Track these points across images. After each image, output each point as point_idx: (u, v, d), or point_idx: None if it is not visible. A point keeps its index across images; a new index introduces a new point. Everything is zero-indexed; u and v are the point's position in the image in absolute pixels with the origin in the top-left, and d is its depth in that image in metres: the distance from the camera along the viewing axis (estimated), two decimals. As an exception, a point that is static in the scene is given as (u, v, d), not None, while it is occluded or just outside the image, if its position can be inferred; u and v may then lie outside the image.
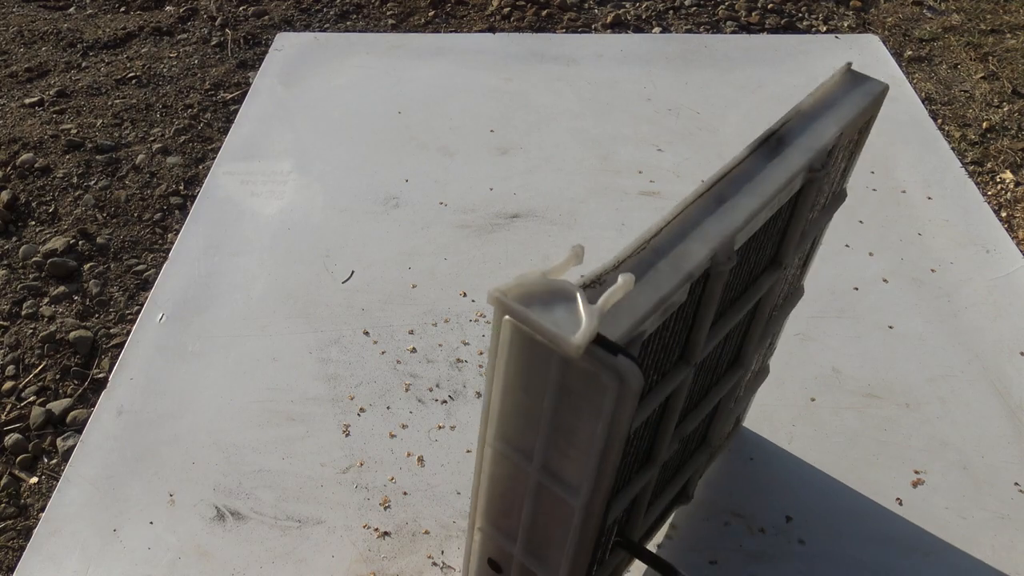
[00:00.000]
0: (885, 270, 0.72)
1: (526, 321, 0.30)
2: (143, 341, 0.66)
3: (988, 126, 2.04)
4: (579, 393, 0.31)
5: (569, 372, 0.30)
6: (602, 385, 0.30)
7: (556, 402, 0.32)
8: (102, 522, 0.54)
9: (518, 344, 0.31)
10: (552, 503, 0.34)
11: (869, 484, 0.57)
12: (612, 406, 0.30)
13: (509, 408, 0.33)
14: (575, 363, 0.30)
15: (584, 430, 0.32)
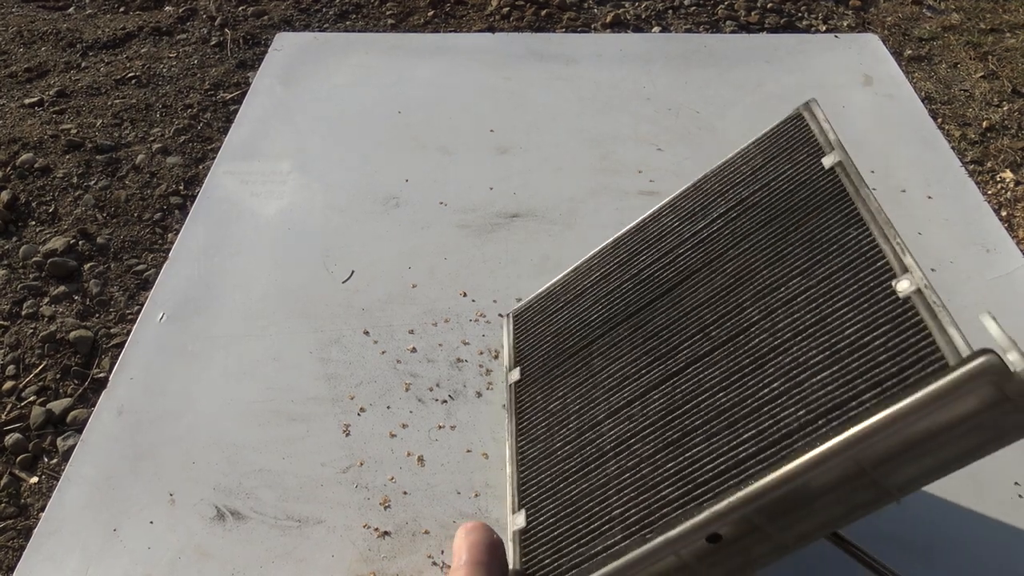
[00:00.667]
0: (885, 269, 0.72)
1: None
2: (143, 341, 0.66)
3: (988, 125, 2.04)
4: (990, 425, 0.34)
5: (1006, 415, 0.34)
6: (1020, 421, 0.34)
7: (962, 431, 0.34)
8: (102, 522, 0.54)
9: (977, 395, 0.33)
10: (860, 491, 0.37)
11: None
12: (1016, 436, 0.34)
13: (897, 436, 0.35)
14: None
15: (961, 448, 0.35)
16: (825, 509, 0.37)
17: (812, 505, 0.37)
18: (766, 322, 0.43)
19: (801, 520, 0.38)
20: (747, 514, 0.38)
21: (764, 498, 0.37)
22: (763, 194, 0.51)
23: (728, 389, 0.42)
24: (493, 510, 0.55)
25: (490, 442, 0.59)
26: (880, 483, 0.36)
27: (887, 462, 0.36)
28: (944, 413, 0.34)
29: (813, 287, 0.43)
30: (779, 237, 0.47)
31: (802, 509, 0.37)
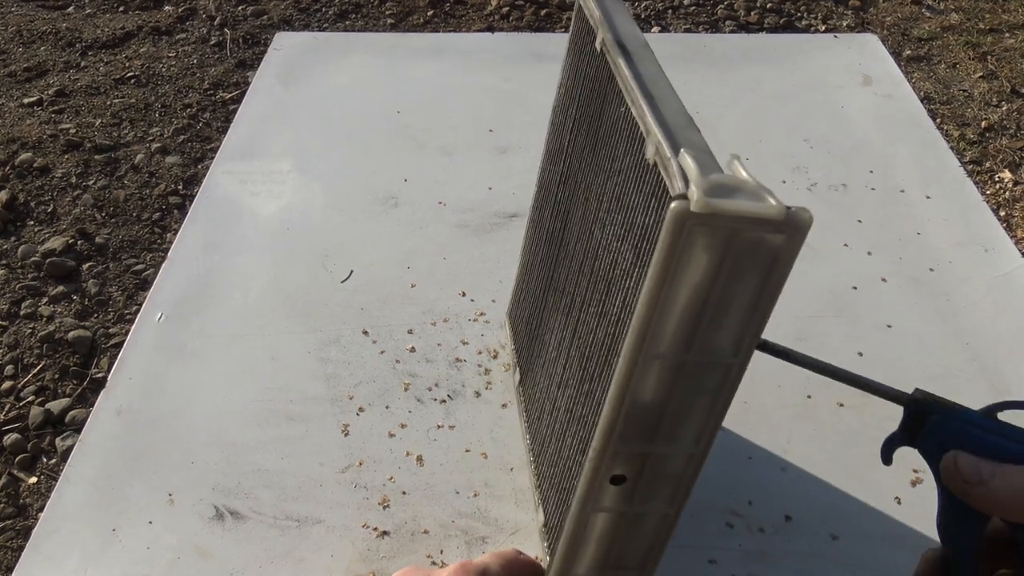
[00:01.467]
0: (884, 269, 0.72)
1: (733, 211, 0.30)
2: (142, 341, 0.66)
3: (987, 125, 2.04)
4: (747, 261, 0.32)
5: (751, 245, 0.31)
6: (778, 242, 0.31)
7: (726, 279, 0.32)
8: (101, 522, 0.54)
9: (703, 247, 0.31)
10: (702, 376, 0.35)
11: (868, 483, 0.57)
12: (788, 257, 0.32)
13: (669, 313, 0.33)
14: (777, 227, 0.31)
15: (744, 292, 0.32)
16: (688, 409, 0.36)
17: (669, 411, 0.36)
18: (603, 238, 0.42)
19: (677, 428, 0.37)
20: (617, 447, 0.37)
21: (615, 428, 0.36)
22: (578, 107, 0.50)
23: (600, 323, 0.41)
24: (492, 510, 0.55)
25: (489, 442, 0.59)
26: (708, 360, 0.35)
27: (692, 341, 0.34)
28: (689, 274, 0.32)
29: (615, 182, 0.41)
30: (592, 142, 0.46)
31: (665, 419, 0.36)
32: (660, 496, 0.39)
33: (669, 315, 0.33)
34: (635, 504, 0.39)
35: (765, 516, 0.55)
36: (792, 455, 0.58)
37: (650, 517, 0.40)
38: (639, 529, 0.41)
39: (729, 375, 0.35)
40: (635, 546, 0.42)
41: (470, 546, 0.53)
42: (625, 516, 0.40)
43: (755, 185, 0.32)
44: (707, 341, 0.34)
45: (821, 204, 0.79)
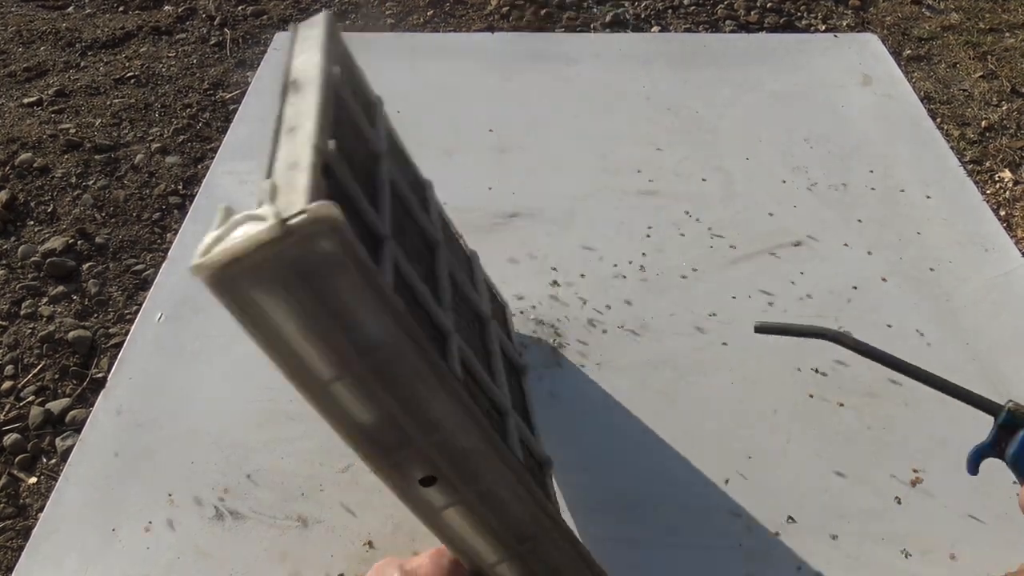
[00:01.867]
0: (884, 269, 0.72)
1: (231, 254, 0.29)
2: (142, 341, 0.66)
3: (987, 125, 2.04)
4: (309, 279, 0.31)
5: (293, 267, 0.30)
6: (318, 250, 0.30)
7: (314, 297, 0.31)
8: (101, 522, 0.54)
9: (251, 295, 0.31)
10: (391, 371, 0.34)
11: (868, 483, 0.57)
12: (341, 250, 0.30)
13: (300, 363, 0.33)
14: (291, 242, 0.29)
15: (346, 290, 0.31)
16: (413, 398, 0.35)
17: (399, 411, 0.35)
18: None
19: (423, 418, 0.36)
20: (381, 463, 0.37)
21: (363, 450, 0.36)
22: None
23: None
24: (492, 510, 0.55)
25: (489, 442, 0.59)
26: (381, 356, 0.34)
27: (342, 353, 0.34)
28: (268, 320, 0.33)
29: None
30: None
31: (402, 418, 0.36)
32: (481, 470, 0.38)
33: (296, 350, 0.33)
34: (464, 489, 0.38)
35: (765, 516, 0.55)
36: (792, 455, 0.58)
37: (496, 487, 0.39)
38: (499, 501, 0.40)
39: (410, 353, 0.34)
40: (517, 512, 0.41)
41: (470, 546, 0.53)
42: (467, 502, 0.39)
43: (244, 215, 0.30)
44: (358, 345, 0.33)
45: (821, 204, 0.79)
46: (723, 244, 0.74)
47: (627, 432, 0.60)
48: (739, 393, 0.62)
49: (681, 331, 0.67)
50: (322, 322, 0.32)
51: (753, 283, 0.71)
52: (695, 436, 0.59)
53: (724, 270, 0.72)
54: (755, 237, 0.75)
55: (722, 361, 0.64)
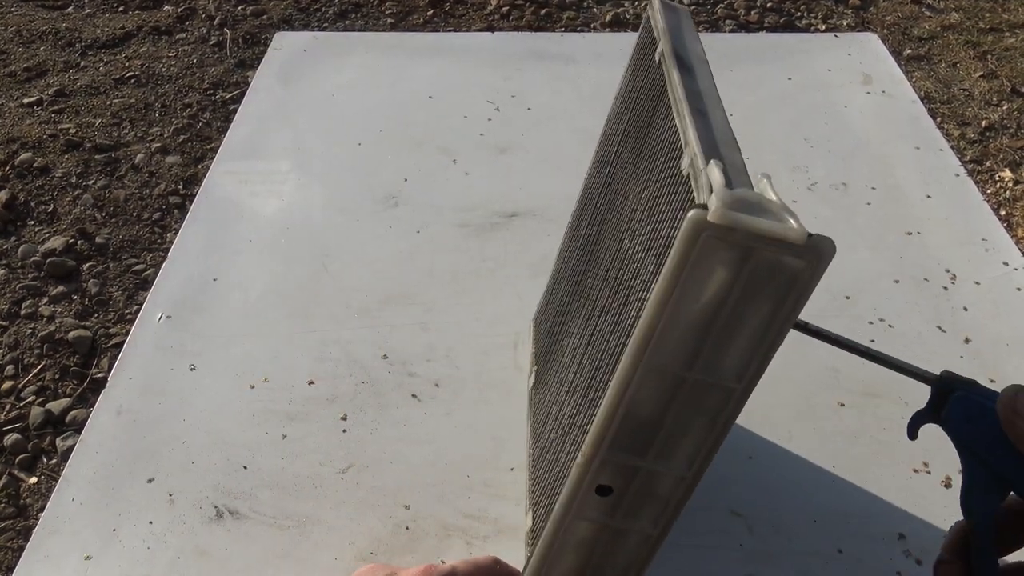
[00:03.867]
0: (884, 268, 0.72)
1: (751, 227, 0.29)
2: (142, 341, 0.66)
3: (987, 124, 2.04)
4: (762, 283, 0.31)
5: (768, 266, 0.31)
6: (796, 267, 0.31)
7: (738, 298, 0.31)
8: (101, 522, 0.54)
9: (718, 260, 0.30)
10: (702, 397, 0.34)
11: (868, 483, 0.57)
12: (805, 284, 0.31)
13: (675, 325, 0.32)
14: (796, 251, 0.30)
15: (757, 316, 0.32)
16: (685, 427, 0.35)
17: (664, 428, 0.35)
18: (631, 247, 0.42)
19: (671, 445, 0.36)
20: (606, 457, 0.36)
21: (607, 435, 0.36)
22: (631, 116, 0.49)
23: (614, 332, 0.40)
24: (492, 509, 0.55)
25: (488, 441, 0.59)
26: (710, 381, 0.34)
27: (695, 359, 0.33)
28: (699, 287, 0.31)
29: (649, 192, 0.41)
30: (636, 152, 0.45)
31: (660, 435, 0.35)
32: (645, 515, 0.39)
33: (675, 326, 0.32)
34: (618, 518, 0.39)
35: (765, 516, 0.55)
36: (793, 455, 0.58)
37: (632, 535, 0.39)
38: (620, 545, 0.40)
39: (730, 400, 0.34)
40: (614, 562, 0.41)
41: (470, 546, 0.53)
42: (607, 529, 0.39)
43: (780, 206, 0.31)
44: (711, 361, 0.33)
45: (821, 203, 0.78)
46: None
47: (627, 432, 0.60)
48: (739, 393, 0.62)
49: (681, 331, 0.67)
50: (720, 320, 0.32)
51: (753, 283, 0.71)
52: (695, 436, 0.59)
53: (724, 270, 0.72)
54: (755, 237, 0.75)
55: (722, 361, 0.64)
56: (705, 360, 0.33)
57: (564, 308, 0.54)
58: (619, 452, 0.36)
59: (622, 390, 0.34)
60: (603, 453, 0.36)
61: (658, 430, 0.35)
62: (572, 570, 0.41)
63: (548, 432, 0.49)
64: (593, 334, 0.44)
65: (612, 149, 0.52)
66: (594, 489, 0.38)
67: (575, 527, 0.39)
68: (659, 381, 0.34)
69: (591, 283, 0.48)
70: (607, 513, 0.38)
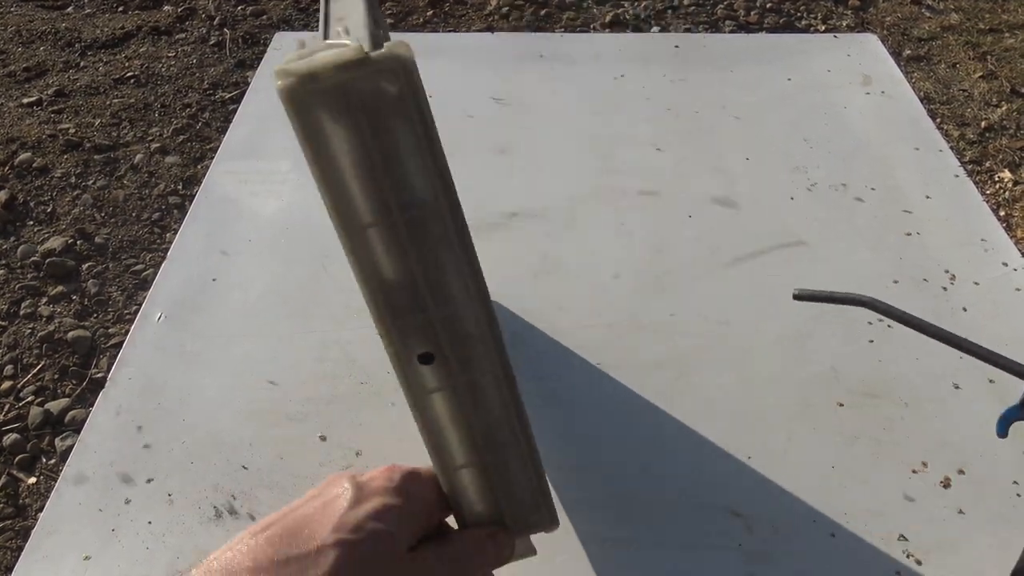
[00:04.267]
0: (884, 269, 0.72)
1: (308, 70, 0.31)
2: (141, 341, 0.66)
3: (987, 125, 2.04)
4: (372, 110, 0.32)
5: (360, 96, 0.32)
6: (386, 84, 0.32)
7: (371, 135, 0.33)
8: (100, 522, 0.54)
9: (320, 116, 0.32)
10: (422, 229, 0.35)
11: (868, 483, 0.57)
12: (408, 91, 0.32)
13: (343, 184, 0.34)
14: (377, 71, 0.31)
15: (404, 139, 0.33)
16: (438, 264, 0.36)
17: (420, 274, 0.36)
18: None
19: (440, 286, 0.37)
20: (391, 325, 0.37)
21: (380, 306, 0.37)
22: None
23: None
24: (492, 510, 0.55)
25: (489, 442, 0.59)
26: (416, 213, 0.35)
27: (384, 199, 0.34)
28: (330, 144, 0.33)
29: None
30: None
31: (422, 282, 0.36)
32: (477, 359, 0.39)
33: (344, 186, 0.34)
34: (457, 375, 0.39)
35: (765, 516, 0.55)
36: (792, 455, 0.58)
37: (485, 381, 0.40)
38: (483, 400, 0.40)
39: (446, 217, 0.35)
40: (491, 418, 0.41)
41: (470, 546, 0.53)
42: (457, 390, 0.39)
43: (344, 43, 0.32)
44: (401, 196, 0.34)
45: (821, 204, 0.79)
46: (723, 244, 0.74)
47: (626, 432, 0.60)
48: (739, 393, 0.62)
49: (681, 331, 0.67)
50: (375, 162, 0.33)
51: (753, 283, 0.71)
52: (695, 436, 0.59)
53: (724, 270, 0.72)
54: (755, 237, 0.75)
55: (722, 361, 0.64)
56: (395, 198, 0.34)
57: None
58: (399, 316, 0.37)
59: (356, 259, 0.36)
60: (387, 325, 0.37)
61: (417, 279, 0.36)
62: (463, 445, 0.41)
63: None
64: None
65: None
66: (417, 360, 0.38)
67: (430, 403, 0.40)
68: (377, 236, 0.35)
69: None
70: (445, 375, 0.39)
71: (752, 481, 0.57)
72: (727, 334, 0.66)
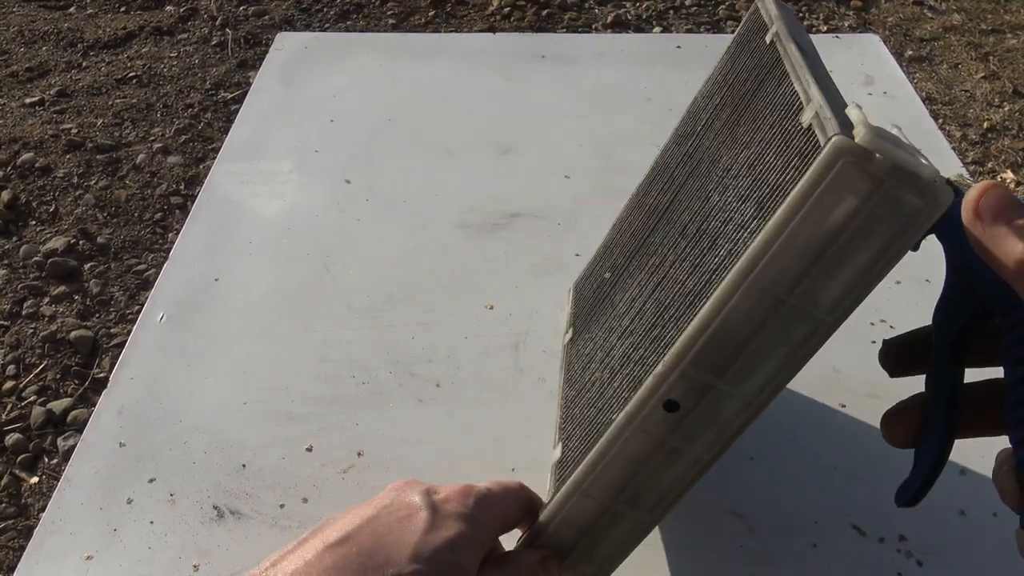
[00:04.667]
0: (886, 270, 0.72)
1: (892, 158, 0.31)
2: (144, 341, 0.66)
3: (989, 126, 2.04)
4: (882, 217, 0.32)
5: (893, 201, 0.32)
6: (917, 207, 0.32)
7: (855, 231, 0.33)
8: (102, 522, 0.54)
9: (850, 186, 0.32)
10: (793, 324, 0.35)
11: (869, 483, 0.57)
12: (919, 226, 0.33)
13: (790, 247, 0.33)
14: (921, 190, 0.31)
15: (868, 251, 0.34)
16: (767, 353, 0.36)
17: (749, 349, 0.36)
18: (721, 200, 0.43)
19: (749, 369, 0.37)
20: (686, 371, 0.37)
21: (692, 349, 0.37)
22: (729, 91, 0.51)
23: (693, 274, 0.42)
24: (493, 510, 0.55)
25: (490, 442, 0.59)
26: (806, 309, 0.35)
27: (798, 284, 0.34)
28: (824, 212, 0.32)
29: (752, 151, 0.42)
30: (733, 121, 0.47)
31: (741, 356, 0.36)
32: (703, 438, 0.39)
33: (789, 247, 0.33)
34: (677, 437, 0.39)
35: (766, 516, 0.55)
36: (794, 455, 0.58)
37: (684, 457, 0.40)
38: (669, 467, 0.40)
39: (816, 331, 0.35)
40: (656, 484, 0.41)
41: (471, 546, 0.53)
42: (663, 447, 0.40)
43: (913, 147, 0.32)
44: (812, 289, 0.34)
45: (823, 204, 0.79)
46: (724, 245, 0.74)
47: (628, 433, 0.60)
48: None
49: (682, 332, 0.67)
50: (829, 251, 0.33)
51: (754, 284, 0.71)
52: (696, 437, 0.59)
53: (725, 271, 0.72)
54: (756, 238, 0.75)
55: (723, 362, 0.64)
56: (807, 287, 0.34)
57: (618, 268, 0.55)
58: (699, 367, 0.37)
59: (720, 306, 0.35)
60: (683, 366, 0.37)
61: (741, 352, 0.36)
62: (614, 485, 0.41)
63: (589, 375, 0.50)
64: (662, 280, 0.45)
65: (699, 124, 0.54)
66: (663, 403, 0.38)
67: (633, 439, 0.40)
68: (758, 301, 0.35)
69: (659, 240, 0.49)
70: (669, 430, 0.39)
71: (754, 482, 0.57)
72: (728, 334, 0.66)
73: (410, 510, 0.39)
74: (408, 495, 0.40)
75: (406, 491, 0.41)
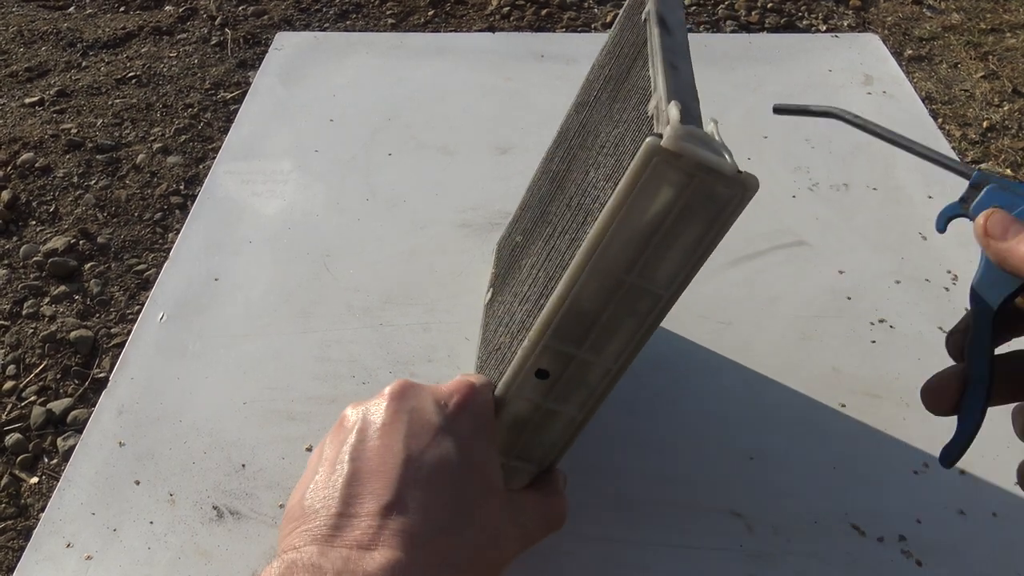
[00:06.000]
0: (885, 269, 0.72)
1: (695, 158, 0.35)
2: (144, 341, 0.66)
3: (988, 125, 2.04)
4: (698, 206, 0.36)
5: (704, 192, 0.36)
6: (727, 196, 0.36)
7: (675, 218, 0.36)
8: (102, 522, 0.54)
9: (665, 181, 0.36)
10: (636, 299, 0.39)
11: (870, 483, 0.57)
12: (732, 211, 0.37)
13: (621, 233, 0.37)
14: (728, 183, 0.36)
15: (690, 234, 0.37)
16: (617, 325, 0.40)
17: (602, 323, 0.40)
18: (593, 177, 0.47)
19: (605, 340, 0.41)
20: (548, 343, 0.41)
21: (551, 325, 0.41)
22: (615, 64, 0.54)
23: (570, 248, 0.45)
24: (493, 510, 0.55)
25: (490, 442, 0.59)
26: (645, 286, 0.39)
27: (634, 265, 0.38)
28: (646, 202, 0.36)
29: (618, 131, 0.46)
30: (612, 97, 0.51)
31: (596, 329, 0.41)
32: (574, 399, 0.44)
33: (621, 234, 0.38)
34: (551, 400, 0.44)
35: (766, 516, 0.55)
36: (793, 455, 0.58)
37: (560, 416, 0.45)
38: (548, 426, 0.45)
39: (657, 305, 0.40)
40: (540, 441, 0.46)
41: (471, 546, 0.53)
42: (540, 409, 0.44)
43: (720, 145, 0.36)
44: (647, 268, 0.38)
45: (822, 204, 0.79)
46: (724, 244, 0.74)
47: (627, 433, 0.60)
48: (740, 394, 0.62)
49: (681, 331, 0.67)
50: (658, 234, 0.37)
51: (754, 283, 0.71)
52: (695, 437, 0.59)
53: (725, 270, 0.72)
54: (756, 237, 0.75)
55: (723, 362, 0.64)
56: (643, 267, 0.38)
57: (527, 233, 0.59)
58: (559, 340, 0.41)
59: (570, 286, 0.40)
60: (546, 339, 0.41)
61: (594, 325, 0.40)
62: (504, 446, 0.46)
63: (498, 337, 0.53)
64: (551, 252, 0.49)
65: (592, 94, 0.57)
66: (534, 372, 0.43)
67: (513, 405, 0.44)
68: (602, 281, 0.39)
69: (555, 209, 0.53)
70: (543, 394, 0.44)
71: (753, 482, 0.57)
72: (728, 334, 0.66)
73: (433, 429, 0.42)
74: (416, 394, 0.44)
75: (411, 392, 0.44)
